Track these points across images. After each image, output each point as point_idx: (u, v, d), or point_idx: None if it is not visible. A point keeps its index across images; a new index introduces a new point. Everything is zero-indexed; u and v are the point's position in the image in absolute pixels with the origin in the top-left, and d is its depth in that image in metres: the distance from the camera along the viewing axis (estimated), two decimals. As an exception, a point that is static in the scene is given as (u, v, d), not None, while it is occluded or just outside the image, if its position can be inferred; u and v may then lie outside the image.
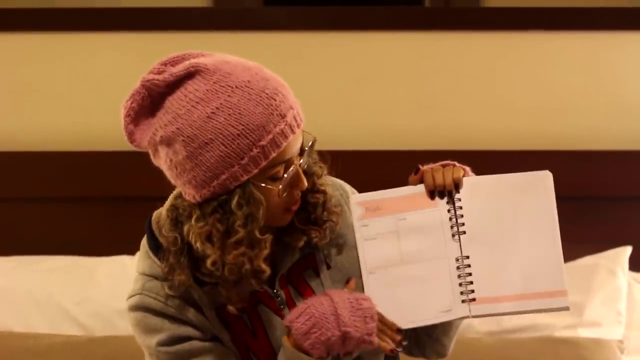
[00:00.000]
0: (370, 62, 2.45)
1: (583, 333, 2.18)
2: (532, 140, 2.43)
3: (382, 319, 1.27)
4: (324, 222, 1.31)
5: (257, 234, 1.21)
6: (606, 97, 2.44)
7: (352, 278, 1.32)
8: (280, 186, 1.22)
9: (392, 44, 2.45)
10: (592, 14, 2.41)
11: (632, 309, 2.27)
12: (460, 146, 2.40)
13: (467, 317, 1.30)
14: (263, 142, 1.18)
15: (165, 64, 1.21)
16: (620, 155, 2.40)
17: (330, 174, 1.37)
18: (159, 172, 1.26)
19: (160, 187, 1.28)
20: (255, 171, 1.19)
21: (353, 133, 2.45)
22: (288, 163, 1.22)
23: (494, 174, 1.32)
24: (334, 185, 1.37)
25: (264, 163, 1.19)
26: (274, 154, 1.19)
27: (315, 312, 1.24)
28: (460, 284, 1.29)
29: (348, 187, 1.41)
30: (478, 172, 1.34)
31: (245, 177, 1.19)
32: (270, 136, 1.18)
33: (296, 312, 1.25)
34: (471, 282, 1.29)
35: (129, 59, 2.37)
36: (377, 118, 2.46)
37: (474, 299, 1.29)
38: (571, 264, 2.31)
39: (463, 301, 1.29)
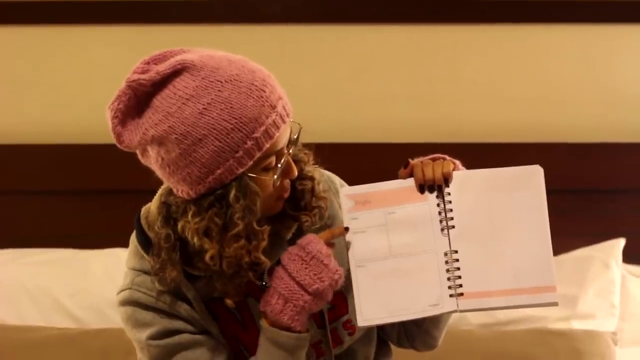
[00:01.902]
0: (367, 55, 2.45)
1: (577, 325, 2.19)
2: (529, 132, 2.44)
3: (330, 236, 1.28)
4: (313, 207, 1.32)
5: (255, 225, 1.21)
6: (603, 90, 2.44)
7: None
8: (275, 176, 1.22)
9: (389, 36, 2.44)
10: (589, 6, 2.40)
11: (625, 301, 2.28)
12: (457, 139, 2.40)
13: (455, 311, 1.30)
14: (256, 134, 1.18)
15: (148, 63, 1.21)
16: (616, 147, 2.40)
17: (326, 167, 1.38)
18: (153, 165, 1.26)
19: (155, 181, 1.27)
20: (250, 163, 1.19)
21: (350, 126, 2.45)
22: (279, 153, 1.23)
23: (490, 166, 1.32)
24: (324, 178, 1.37)
25: (258, 155, 1.19)
26: (267, 145, 1.19)
27: (280, 288, 1.25)
28: (449, 279, 1.29)
29: (337, 180, 1.42)
30: (475, 164, 1.34)
31: (240, 170, 1.19)
32: (263, 127, 1.18)
33: (267, 296, 1.26)
34: (459, 277, 1.29)
35: (125, 52, 2.36)
36: (374, 111, 2.46)
37: (461, 294, 1.28)
38: (565, 256, 2.32)
39: (451, 295, 1.29)
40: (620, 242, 2.33)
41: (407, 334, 1.45)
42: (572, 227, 2.34)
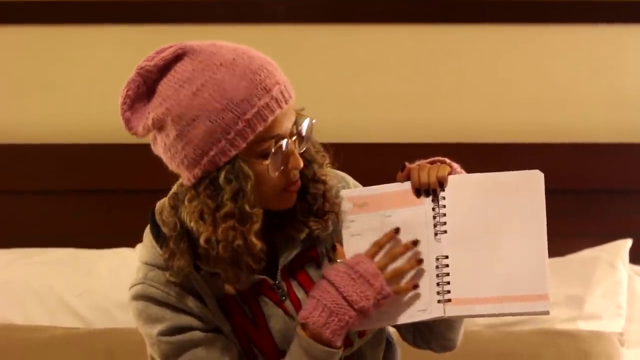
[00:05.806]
0: (371, 55, 2.45)
1: (583, 326, 2.18)
2: (533, 132, 2.43)
3: (376, 249, 1.27)
4: (325, 213, 1.31)
5: (246, 208, 1.21)
6: (607, 90, 2.43)
7: (337, 245, 1.32)
8: (269, 160, 1.22)
9: (392, 36, 2.44)
10: (592, 7, 2.40)
11: (632, 302, 2.27)
12: (460, 139, 2.40)
13: (442, 317, 1.28)
14: (248, 116, 1.18)
15: (158, 53, 1.23)
16: (620, 148, 2.39)
17: (333, 167, 1.37)
18: (159, 165, 1.26)
19: (160, 180, 1.28)
20: (243, 145, 1.20)
21: (353, 126, 2.45)
22: (278, 139, 1.22)
23: (494, 167, 1.30)
24: (337, 178, 1.37)
25: (251, 137, 1.20)
26: (260, 128, 1.20)
27: (327, 302, 1.24)
28: (438, 284, 1.27)
29: (351, 180, 1.41)
30: (478, 165, 1.33)
31: (234, 152, 1.20)
32: (255, 109, 1.19)
33: (309, 307, 1.26)
34: (448, 283, 1.27)
35: (128, 52, 2.36)
36: (377, 111, 2.45)
37: (449, 300, 1.26)
38: (571, 256, 2.31)
39: (439, 301, 1.27)
40: (627, 243, 2.33)
41: (421, 336, 1.43)
42: (578, 227, 2.34)
